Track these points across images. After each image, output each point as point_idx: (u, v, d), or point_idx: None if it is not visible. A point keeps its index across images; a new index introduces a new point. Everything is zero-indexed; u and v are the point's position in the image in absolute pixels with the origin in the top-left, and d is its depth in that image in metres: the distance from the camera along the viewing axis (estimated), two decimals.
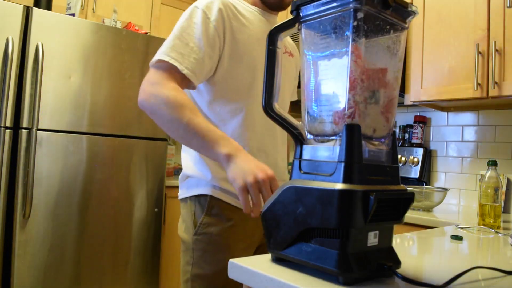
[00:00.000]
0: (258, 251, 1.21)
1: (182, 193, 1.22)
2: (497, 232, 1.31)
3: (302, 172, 0.73)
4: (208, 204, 1.12)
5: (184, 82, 1.06)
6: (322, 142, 0.73)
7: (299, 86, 0.78)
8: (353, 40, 0.67)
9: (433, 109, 2.23)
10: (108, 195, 2.22)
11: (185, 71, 1.03)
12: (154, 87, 1.01)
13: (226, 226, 1.11)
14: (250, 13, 1.20)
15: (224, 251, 1.10)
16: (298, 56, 1.35)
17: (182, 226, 1.20)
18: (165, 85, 1.01)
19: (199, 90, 1.16)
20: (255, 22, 1.19)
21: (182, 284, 1.17)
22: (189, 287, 1.13)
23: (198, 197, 1.15)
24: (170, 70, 1.04)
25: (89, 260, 2.11)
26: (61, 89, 2.06)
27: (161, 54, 1.05)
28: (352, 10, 0.67)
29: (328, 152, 0.70)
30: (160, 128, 1.05)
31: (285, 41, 1.31)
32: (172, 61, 1.03)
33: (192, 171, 1.17)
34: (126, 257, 2.28)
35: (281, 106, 1.08)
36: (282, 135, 1.26)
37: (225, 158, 0.96)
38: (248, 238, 1.15)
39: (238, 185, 0.93)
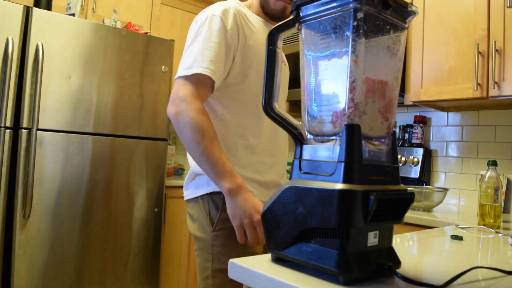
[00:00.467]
0: None
1: (190, 193, 1.24)
2: (497, 232, 1.31)
3: (302, 172, 0.73)
4: (222, 200, 1.15)
5: (211, 88, 1.15)
6: (322, 142, 0.73)
7: (299, 86, 0.77)
8: (353, 40, 0.67)
9: (433, 109, 2.23)
10: (108, 195, 2.22)
11: (216, 79, 1.12)
12: (182, 104, 1.09)
13: None
14: (256, 22, 1.26)
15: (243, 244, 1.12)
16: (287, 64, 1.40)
17: (194, 226, 1.22)
18: (192, 105, 1.09)
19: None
20: (260, 31, 1.25)
21: (202, 282, 1.18)
22: (210, 284, 1.15)
23: (210, 194, 1.17)
24: (202, 81, 1.12)
25: (89, 260, 2.11)
26: (61, 89, 2.06)
27: (195, 68, 1.11)
28: (352, 10, 0.67)
29: (328, 152, 0.70)
30: (160, 128, 1.07)
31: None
32: (207, 73, 1.10)
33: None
34: (126, 257, 2.28)
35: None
36: (284, 138, 1.31)
37: (227, 192, 1.07)
38: None
39: (235, 224, 1.08)
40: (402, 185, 0.74)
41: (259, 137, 1.23)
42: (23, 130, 1.94)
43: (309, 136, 0.75)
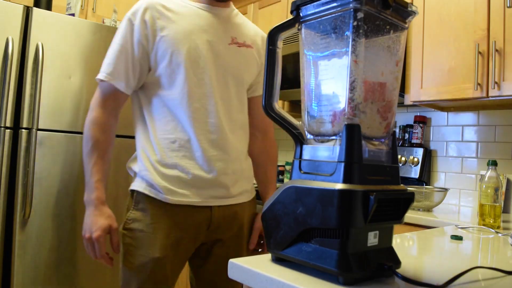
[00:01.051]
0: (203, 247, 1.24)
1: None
2: (497, 232, 1.31)
3: (302, 172, 0.73)
4: (134, 200, 1.20)
5: (121, 94, 1.18)
6: (322, 142, 0.73)
7: (299, 86, 0.77)
8: (353, 40, 0.67)
9: (433, 109, 2.23)
10: (108, 195, 2.22)
11: (118, 86, 1.16)
12: (89, 113, 1.19)
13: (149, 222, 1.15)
14: (184, 7, 1.21)
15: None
16: (260, 47, 1.33)
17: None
18: (92, 113, 1.18)
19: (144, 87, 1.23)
20: (189, 16, 1.20)
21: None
22: (120, 278, 1.21)
23: (132, 192, 1.22)
24: (107, 88, 1.17)
25: (89, 260, 2.11)
26: (61, 89, 2.06)
27: (100, 73, 1.16)
28: (352, 10, 0.67)
29: (328, 152, 0.70)
30: None
31: (242, 32, 1.29)
32: (104, 77, 1.15)
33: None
34: None
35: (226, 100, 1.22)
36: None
37: (85, 204, 1.18)
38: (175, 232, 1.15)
39: (83, 236, 1.16)
40: (402, 185, 0.74)
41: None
42: (23, 130, 1.94)
43: (309, 136, 0.75)
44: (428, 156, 2.25)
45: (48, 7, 2.22)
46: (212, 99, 1.18)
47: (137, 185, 1.20)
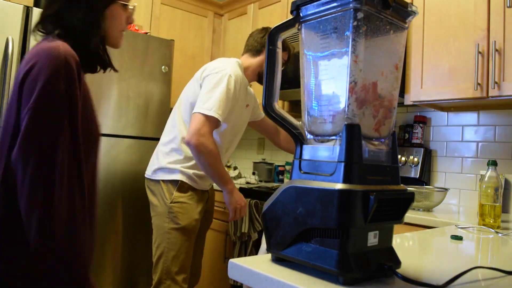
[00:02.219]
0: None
1: (161, 175, 1.90)
2: (497, 232, 1.31)
3: (302, 172, 0.73)
4: (178, 186, 1.83)
5: (217, 127, 1.73)
6: (322, 142, 0.73)
7: (299, 86, 0.78)
8: (353, 40, 0.67)
9: (433, 109, 2.23)
10: (107, 195, 2.22)
11: (222, 123, 1.72)
12: (204, 138, 1.65)
13: None
14: (245, 84, 1.85)
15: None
16: (254, 104, 2.02)
17: (154, 198, 1.91)
18: (209, 139, 1.66)
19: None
20: (244, 93, 1.85)
21: (159, 236, 1.84)
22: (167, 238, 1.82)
23: (170, 181, 1.87)
24: (215, 122, 1.68)
25: None
26: None
27: (213, 112, 1.66)
28: (352, 10, 0.67)
29: (328, 152, 0.70)
30: (160, 128, 1.12)
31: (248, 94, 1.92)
32: (219, 117, 1.68)
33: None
34: (126, 257, 2.28)
35: (231, 144, 1.95)
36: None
37: (228, 191, 1.79)
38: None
39: (232, 208, 1.82)
40: (402, 185, 0.74)
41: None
42: None
43: (309, 136, 0.75)
44: (428, 156, 2.25)
45: None
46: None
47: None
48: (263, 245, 2.14)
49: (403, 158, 2.24)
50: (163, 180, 1.82)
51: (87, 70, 1.04)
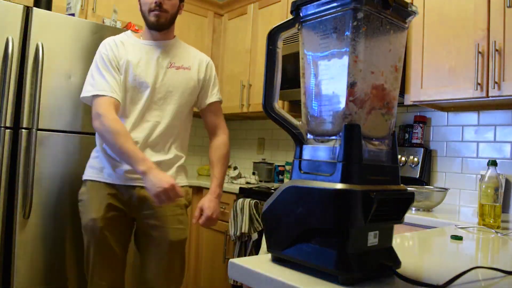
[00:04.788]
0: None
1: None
2: (497, 232, 1.31)
3: (302, 172, 0.73)
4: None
5: (116, 102, 1.55)
6: (322, 142, 0.73)
7: (299, 86, 0.78)
8: (353, 40, 0.67)
9: (433, 109, 2.23)
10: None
11: (114, 96, 1.54)
12: (101, 118, 1.50)
13: None
14: (133, 45, 1.66)
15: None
16: (197, 69, 1.72)
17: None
18: (107, 116, 1.49)
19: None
20: (135, 50, 1.64)
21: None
22: None
23: None
24: (107, 99, 1.52)
25: None
26: (61, 89, 2.06)
27: (94, 90, 1.54)
28: (352, 10, 0.67)
29: (328, 152, 0.70)
30: None
31: (177, 55, 1.70)
32: (102, 93, 1.52)
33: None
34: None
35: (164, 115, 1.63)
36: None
37: (142, 174, 1.45)
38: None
39: (153, 193, 1.43)
40: (402, 185, 0.74)
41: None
42: (23, 130, 1.94)
43: (309, 136, 0.75)
44: (428, 156, 2.25)
45: (48, 7, 2.22)
46: None
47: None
48: (264, 245, 2.14)
49: (403, 158, 2.24)
50: None
51: None
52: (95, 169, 1.63)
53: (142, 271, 1.66)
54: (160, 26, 1.65)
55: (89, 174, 1.65)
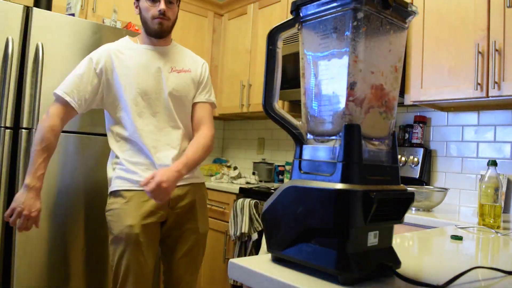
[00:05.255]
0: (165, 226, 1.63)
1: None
2: (497, 232, 1.31)
3: (302, 172, 0.73)
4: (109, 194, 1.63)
5: (72, 109, 1.55)
6: (322, 142, 0.73)
7: (299, 86, 0.77)
8: (353, 40, 0.67)
9: (433, 109, 2.23)
10: (107, 195, 2.22)
11: (70, 102, 1.54)
12: (43, 117, 1.53)
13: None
14: (132, 50, 1.66)
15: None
16: (195, 70, 1.74)
17: None
18: (47, 121, 1.51)
19: (107, 115, 1.68)
20: (135, 57, 1.64)
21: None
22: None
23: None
24: (62, 103, 1.54)
25: (89, 260, 2.11)
26: None
27: (58, 89, 1.55)
28: (352, 10, 0.67)
29: (328, 152, 0.70)
30: None
31: (177, 60, 1.72)
32: (62, 94, 1.53)
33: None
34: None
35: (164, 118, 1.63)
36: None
37: (23, 186, 1.46)
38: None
39: (11, 206, 1.45)
40: (402, 185, 0.74)
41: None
42: (23, 130, 1.94)
43: (309, 136, 0.75)
44: (428, 156, 2.25)
45: (48, 7, 2.22)
46: None
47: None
48: (264, 245, 2.14)
49: (403, 158, 2.24)
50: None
51: None
52: (125, 180, 1.58)
53: (169, 273, 1.68)
54: (163, 33, 1.67)
55: (119, 184, 1.59)
